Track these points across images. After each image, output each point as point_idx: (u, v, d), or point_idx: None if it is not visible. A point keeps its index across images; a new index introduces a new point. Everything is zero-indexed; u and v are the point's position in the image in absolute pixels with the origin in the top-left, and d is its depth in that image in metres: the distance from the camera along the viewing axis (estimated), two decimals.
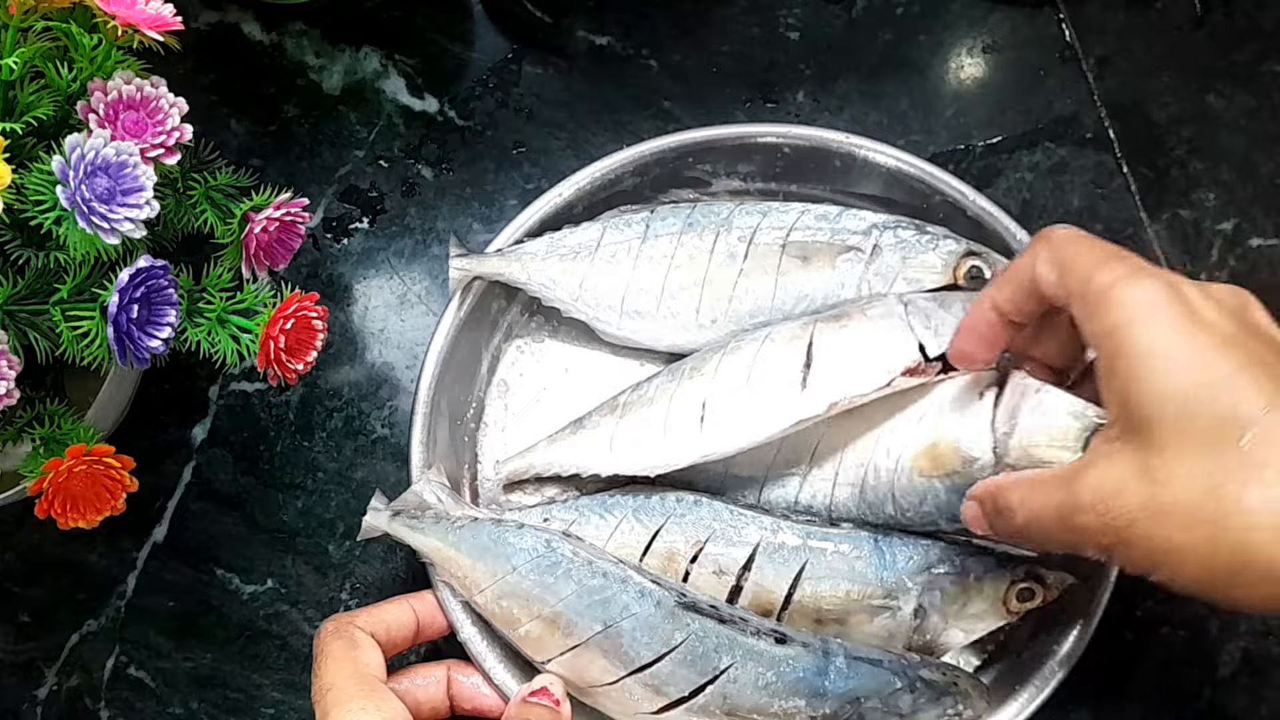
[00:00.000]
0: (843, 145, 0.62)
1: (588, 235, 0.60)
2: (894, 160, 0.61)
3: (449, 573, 0.53)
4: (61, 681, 0.60)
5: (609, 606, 0.51)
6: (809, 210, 0.60)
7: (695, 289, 0.59)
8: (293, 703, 0.59)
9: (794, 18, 0.71)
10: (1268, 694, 0.58)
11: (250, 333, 0.48)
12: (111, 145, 0.42)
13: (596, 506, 0.56)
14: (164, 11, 0.45)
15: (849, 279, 0.58)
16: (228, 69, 0.70)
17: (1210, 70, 0.69)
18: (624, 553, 0.55)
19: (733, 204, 0.61)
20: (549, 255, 0.60)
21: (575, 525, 0.56)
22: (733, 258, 0.59)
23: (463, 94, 0.69)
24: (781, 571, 0.53)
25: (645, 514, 0.55)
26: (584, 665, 0.51)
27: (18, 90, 0.44)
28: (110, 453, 0.47)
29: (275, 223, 0.49)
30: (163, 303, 0.45)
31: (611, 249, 0.60)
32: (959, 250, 0.58)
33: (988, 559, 0.53)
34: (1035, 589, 0.53)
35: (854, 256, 0.58)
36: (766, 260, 0.59)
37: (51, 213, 0.42)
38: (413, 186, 0.68)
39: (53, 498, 0.46)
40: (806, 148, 0.62)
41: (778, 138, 0.62)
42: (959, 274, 0.58)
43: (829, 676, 0.50)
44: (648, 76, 0.70)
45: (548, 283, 0.60)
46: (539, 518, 0.56)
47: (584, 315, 0.60)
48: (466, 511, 0.55)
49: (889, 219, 0.59)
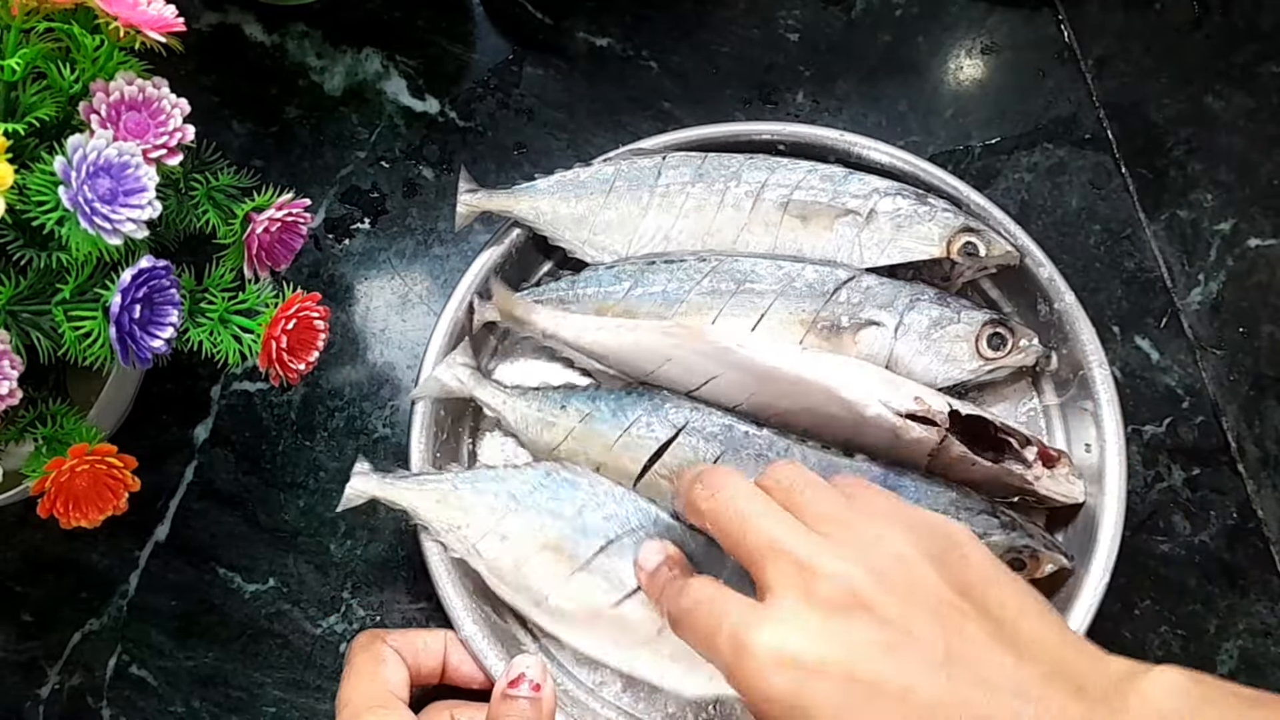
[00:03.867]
0: (837, 143, 0.62)
1: (600, 174, 0.61)
2: (888, 157, 0.62)
3: (446, 525, 0.54)
4: (63, 680, 0.60)
5: (612, 522, 0.52)
6: (816, 169, 0.61)
7: (699, 238, 0.60)
8: (294, 701, 0.59)
9: (793, 19, 0.71)
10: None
11: (252, 333, 0.48)
12: (114, 146, 0.42)
13: (612, 401, 0.57)
14: (166, 12, 0.45)
15: (844, 242, 0.60)
16: (229, 70, 0.70)
17: (1209, 71, 0.69)
18: (633, 454, 0.56)
19: (743, 158, 0.61)
20: (558, 191, 0.61)
21: (588, 418, 0.57)
22: (738, 210, 0.60)
23: (464, 95, 0.70)
24: None
25: (659, 419, 0.56)
26: (588, 592, 0.52)
27: (20, 91, 0.44)
28: (112, 452, 0.47)
29: (277, 223, 0.50)
30: (165, 303, 0.45)
31: (621, 191, 0.61)
32: (956, 225, 0.59)
33: (991, 520, 0.54)
34: (1027, 562, 0.53)
35: (851, 220, 0.59)
36: (770, 216, 0.60)
37: (54, 213, 0.42)
38: (414, 187, 0.68)
39: (55, 497, 0.46)
40: (802, 144, 0.63)
41: (773, 135, 0.63)
42: (953, 248, 0.58)
43: None
44: (648, 78, 0.70)
45: (556, 221, 0.61)
46: (558, 402, 0.58)
47: (590, 257, 0.61)
48: (492, 394, 0.58)
49: (892, 185, 0.60)
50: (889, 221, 0.59)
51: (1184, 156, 0.68)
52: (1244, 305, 0.65)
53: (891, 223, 0.59)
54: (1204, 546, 0.61)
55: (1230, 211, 0.67)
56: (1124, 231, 0.66)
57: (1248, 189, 0.67)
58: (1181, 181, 0.67)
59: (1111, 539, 0.54)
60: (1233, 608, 0.60)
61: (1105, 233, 0.66)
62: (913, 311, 0.57)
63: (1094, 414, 0.57)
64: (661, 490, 0.55)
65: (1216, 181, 0.67)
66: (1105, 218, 0.67)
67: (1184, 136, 0.68)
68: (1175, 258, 0.66)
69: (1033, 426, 0.60)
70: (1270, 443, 0.62)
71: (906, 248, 0.59)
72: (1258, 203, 0.67)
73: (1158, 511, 0.61)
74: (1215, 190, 0.67)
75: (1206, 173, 0.67)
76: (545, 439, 0.58)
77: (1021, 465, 0.55)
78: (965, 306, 0.58)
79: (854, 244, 0.59)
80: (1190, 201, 0.67)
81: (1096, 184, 0.67)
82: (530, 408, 0.58)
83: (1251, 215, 0.67)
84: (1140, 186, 0.67)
